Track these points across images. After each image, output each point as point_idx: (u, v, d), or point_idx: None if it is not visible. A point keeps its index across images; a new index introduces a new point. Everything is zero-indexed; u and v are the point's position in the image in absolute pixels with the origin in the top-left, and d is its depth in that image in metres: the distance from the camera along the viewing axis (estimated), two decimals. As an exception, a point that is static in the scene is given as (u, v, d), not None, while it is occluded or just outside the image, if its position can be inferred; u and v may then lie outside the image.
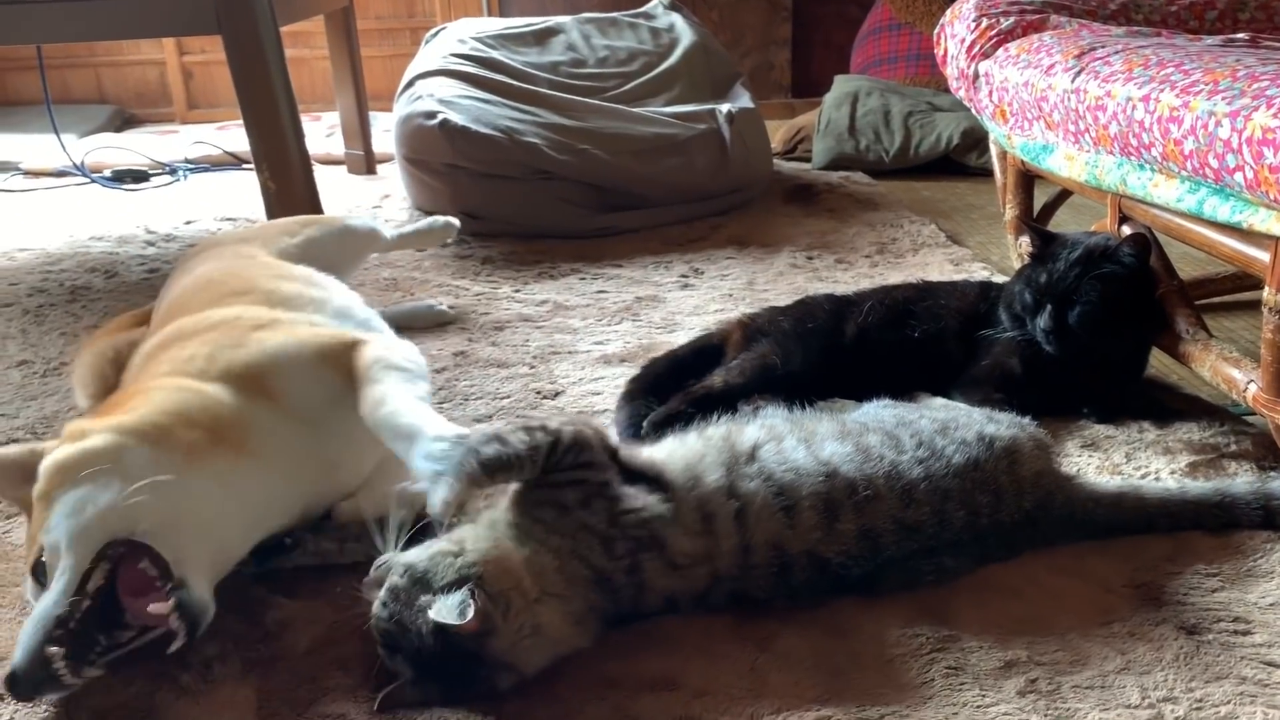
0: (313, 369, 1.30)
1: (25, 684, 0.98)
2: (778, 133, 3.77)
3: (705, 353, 1.75)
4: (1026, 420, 1.32)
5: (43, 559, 1.05)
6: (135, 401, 1.20)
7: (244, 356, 1.27)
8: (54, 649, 0.98)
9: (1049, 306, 1.56)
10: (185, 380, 1.23)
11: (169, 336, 1.36)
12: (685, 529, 1.11)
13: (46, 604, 1.01)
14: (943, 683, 1.04)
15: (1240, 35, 1.88)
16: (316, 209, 2.37)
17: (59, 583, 1.02)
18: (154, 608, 1.03)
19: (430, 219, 2.24)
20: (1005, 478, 1.22)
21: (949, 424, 1.26)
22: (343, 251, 1.85)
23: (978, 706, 1.01)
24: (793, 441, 1.20)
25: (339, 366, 1.30)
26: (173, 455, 1.13)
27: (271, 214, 2.33)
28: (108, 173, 3.65)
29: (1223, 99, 1.34)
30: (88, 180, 3.63)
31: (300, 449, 1.25)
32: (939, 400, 1.58)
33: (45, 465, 1.11)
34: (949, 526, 1.17)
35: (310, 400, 1.28)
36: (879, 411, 1.34)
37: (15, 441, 1.64)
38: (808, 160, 3.62)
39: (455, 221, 2.21)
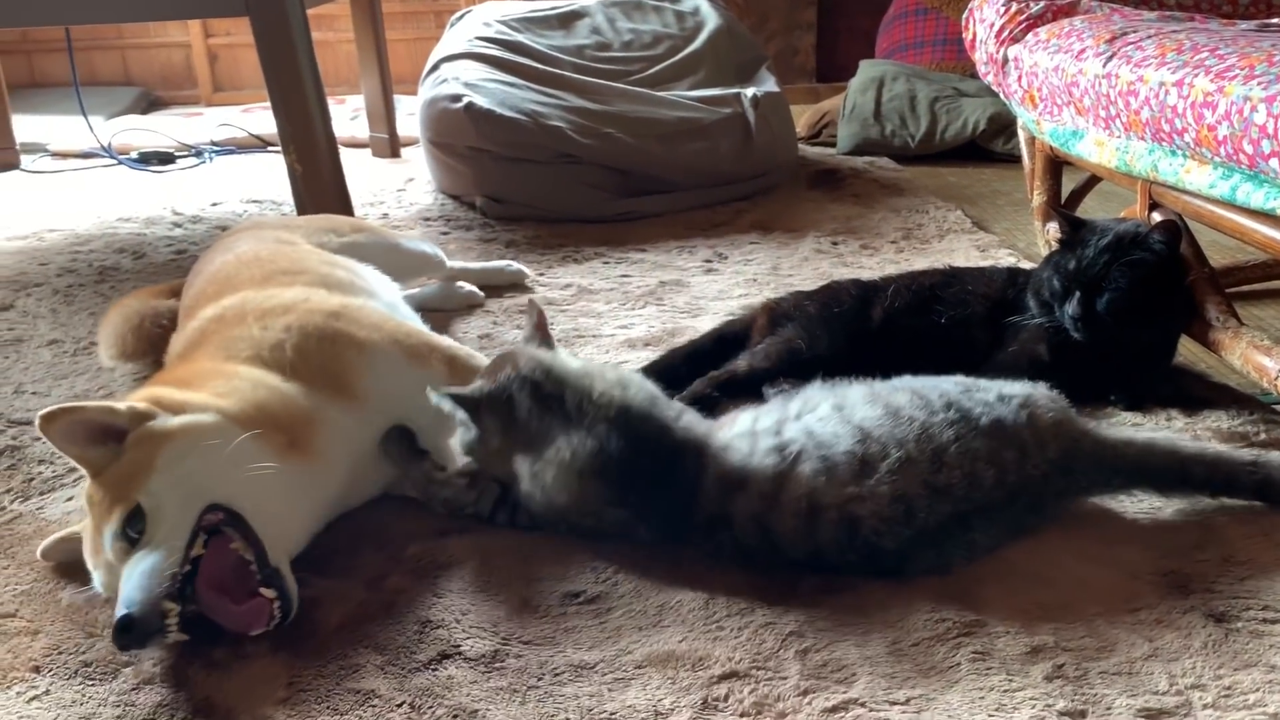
0: (403, 375, 1.34)
1: (140, 632, 0.99)
2: (802, 117, 3.75)
3: (727, 340, 1.75)
4: (1039, 384, 1.33)
5: (135, 515, 1.06)
6: (219, 383, 1.21)
7: (341, 359, 1.30)
8: (170, 603, 1.01)
9: (1077, 293, 1.55)
10: (268, 376, 1.25)
11: (235, 310, 1.37)
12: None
13: (160, 559, 1.03)
14: (969, 667, 1.04)
15: (1275, 20, 1.86)
16: (343, 192, 2.38)
17: (170, 542, 1.04)
18: (265, 591, 1.05)
19: (503, 262, 2.31)
20: (1027, 431, 1.22)
21: (970, 387, 1.28)
22: (387, 267, 1.78)
23: (1004, 691, 1.01)
24: (827, 408, 1.24)
25: (425, 370, 1.36)
26: (268, 449, 1.16)
27: (298, 196, 2.34)
28: (134, 154, 3.68)
29: (1258, 84, 1.33)
30: (115, 162, 3.66)
31: (361, 448, 1.29)
32: None
33: (152, 432, 1.12)
34: (979, 487, 1.17)
35: (391, 403, 1.32)
36: (902, 380, 1.35)
37: (47, 419, 1.66)
38: (833, 145, 3.61)
39: (526, 270, 2.29)
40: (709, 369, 1.66)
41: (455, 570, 1.23)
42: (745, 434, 1.23)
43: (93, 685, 1.06)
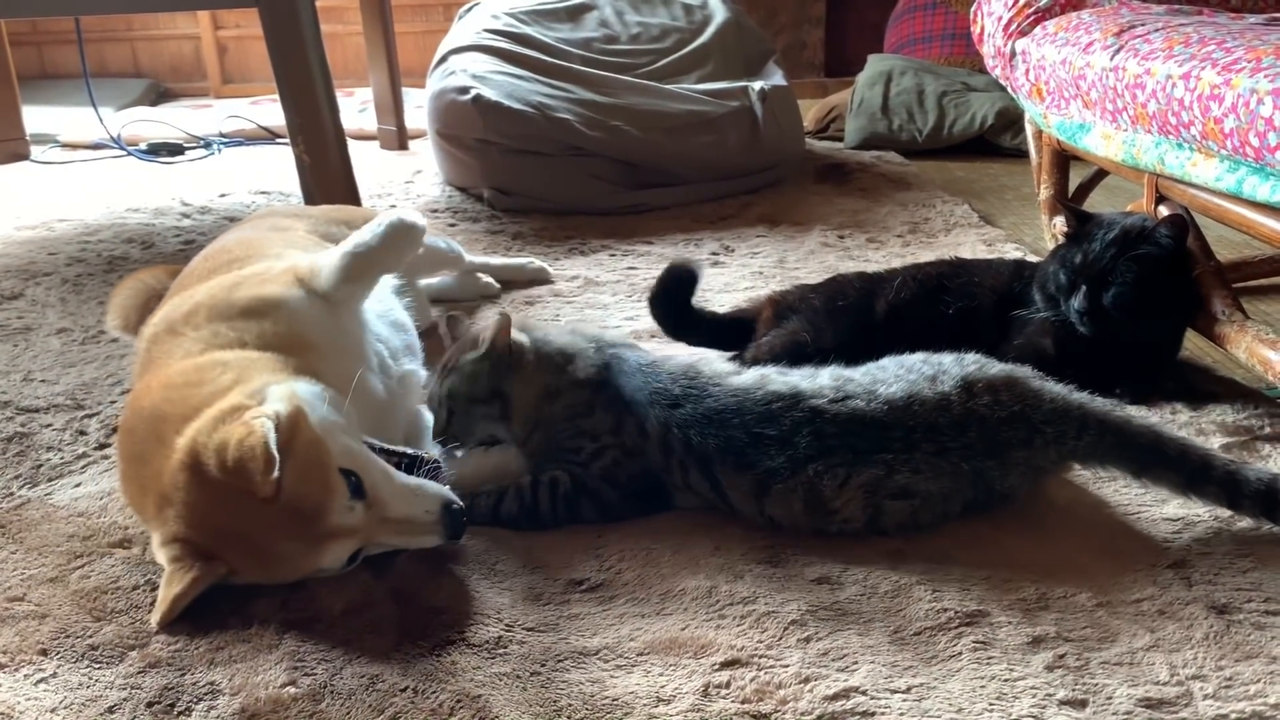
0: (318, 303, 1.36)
1: (464, 516, 1.18)
2: (810, 111, 3.75)
3: (737, 325, 1.76)
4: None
5: (348, 482, 1.12)
6: (224, 374, 1.19)
7: (275, 323, 1.29)
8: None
9: (1084, 287, 1.55)
10: (244, 351, 1.24)
11: (164, 325, 1.33)
12: None
13: (419, 479, 1.20)
14: (970, 656, 1.05)
15: (1284, 14, 1.85)
16: (350, 183, 2.39)
17: (392, 467, 1.19)
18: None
19: (525, 259, 2.28)
20: (976, 376, 1.28)
21: (930, 356, 1.33)
22: (400, 263, 1.71)
23: (1005, 680, 1.01)
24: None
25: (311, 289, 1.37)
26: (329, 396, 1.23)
27: (306, 187, 2.34)
28: (143, 146, 3.69)
29: (1265, 77, 1.32)
30: (124, 153, 3.67)
31: (373, 394, 1.33)
32: None
33: (292, 423, 1.11)
34: (921, 403, 1.24)
35: (330, 335, 1.33)
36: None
37: (56, 407, 1.67)
38: (840, 139, 3.61)
39: (548, 268, 2.27)
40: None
41: (460, 557, 1.24)
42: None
43: (99, 669, 1.07)
